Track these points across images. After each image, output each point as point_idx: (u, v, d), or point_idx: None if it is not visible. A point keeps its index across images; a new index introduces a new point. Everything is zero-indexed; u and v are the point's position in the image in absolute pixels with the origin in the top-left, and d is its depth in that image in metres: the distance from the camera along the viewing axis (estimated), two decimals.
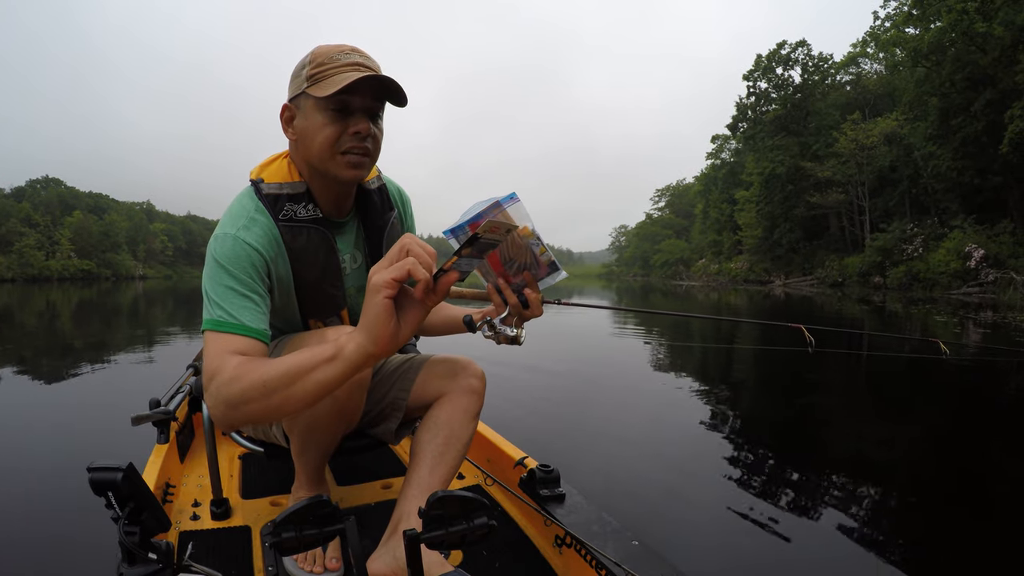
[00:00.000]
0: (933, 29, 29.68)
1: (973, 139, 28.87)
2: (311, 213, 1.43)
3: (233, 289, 1.27)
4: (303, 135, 1.37)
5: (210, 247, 1.33)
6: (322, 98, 1.29)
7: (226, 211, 1.39)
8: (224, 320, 1.22)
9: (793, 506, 2.70)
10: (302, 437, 1.50)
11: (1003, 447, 3.62)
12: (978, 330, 10.69)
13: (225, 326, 1.22)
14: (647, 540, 1.48)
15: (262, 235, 1.35)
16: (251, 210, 1.37)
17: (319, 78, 1.32)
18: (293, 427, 1.48)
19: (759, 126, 48.51)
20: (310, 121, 1.34)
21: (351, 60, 1.32)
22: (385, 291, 0.89)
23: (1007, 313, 14.80)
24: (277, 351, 1.44)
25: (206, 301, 1.27)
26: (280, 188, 1.41)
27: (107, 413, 4.23)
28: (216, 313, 1.23)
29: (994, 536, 2.46)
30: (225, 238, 1.32)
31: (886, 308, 17.77)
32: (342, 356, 0.97)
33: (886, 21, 42.18)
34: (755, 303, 21.93)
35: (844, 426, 4.13)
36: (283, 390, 1.02)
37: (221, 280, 1.27)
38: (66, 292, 31.42)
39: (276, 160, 1.47)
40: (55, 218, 76.42)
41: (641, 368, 6.45)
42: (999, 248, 25.93)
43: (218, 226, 1.37)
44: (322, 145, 1.34)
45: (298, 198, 1.42)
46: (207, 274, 1.30)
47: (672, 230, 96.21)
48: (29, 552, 2.22)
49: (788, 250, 47.32)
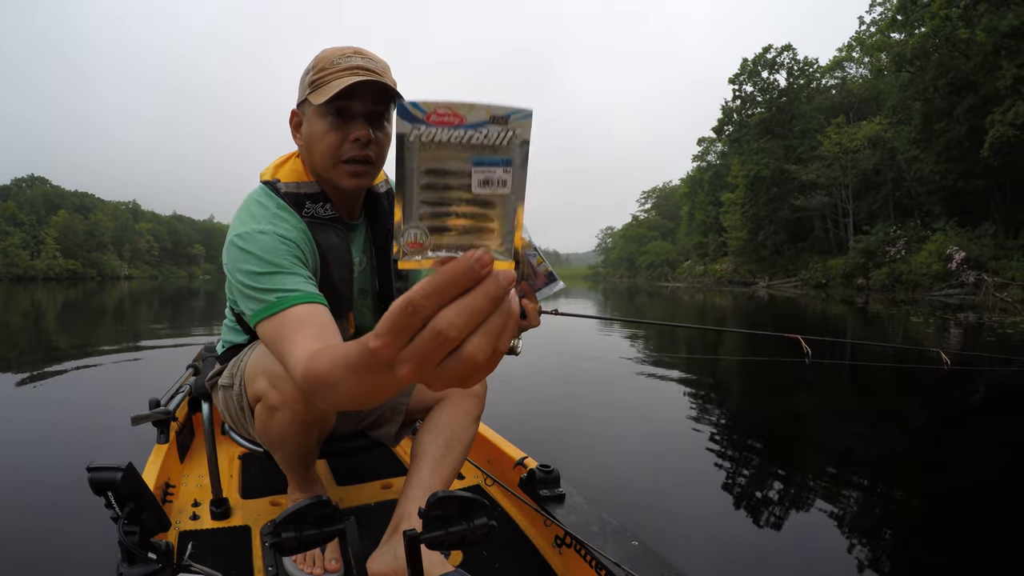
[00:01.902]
0: (917, 35, 30.09)
1: (956, 143, 29.28)
2: (330, 213, 1.41)
3: (279, 269, 1.21)
4: (308, 142, 1.37)
5: (234, 246, 1.27)
6: (321, 105, 1.28)
7: (240, 212, 1.35)
8: (279, 300, 1.15)
9: (792, 507, 2.71)
10: (275, 446, 1.48)
11: (1000, 455, 3.65)
12: (957, 331, 10.81)
13: (281, 304, 1.15)
14: (647, 540, 1.48)
15: (292, 230, 1.32)
16: (273, 208, 1.34)
17: (319, 84, 1.30)
18: (265, 437, 1.45)
19: (744, 129, 48.85)
20: (313, 128, 1.34)
21: (351, 64, 1.30)
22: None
23: (983, 313, 14.99)
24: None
25: (246, 297, 1.21)
26: (298, 187, 1.39)
27: (107, 413, 4.17)
28: (266, 298, 1.16)
29: (992, 538, 2.48)
30: (254, 234, 1.26)
31: (869, 309, 17.92)
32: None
33: (871, 26, 42.67)
34: (740, 304, 22.04)
35: (842, 432, 4.16)
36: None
37: (261, 268, 1.21)
38: (52, 292, 31.05)
39: (289, 160, 1.45)
40: (40, 217, 75.76)
41: (638, 372, 6.46)
42: (980, 250, 26.25)
43: (237, 226, 1.31)
44: (324, 153, 1.33)
45: (316, 197, 1.40)
46: (240, 269, 1.23)
47: (658, 232, 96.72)
48: (29, 552, 2.19)
49: (773, 252, 47.68)
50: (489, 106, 0.45)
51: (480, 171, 0.46)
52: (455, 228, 0.46)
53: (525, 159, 0.47)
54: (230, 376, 1.52)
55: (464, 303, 0.42)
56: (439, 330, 0.42)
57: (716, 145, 64.23)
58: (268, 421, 1.38)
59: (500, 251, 0.47)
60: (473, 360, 0.44)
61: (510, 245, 0.48)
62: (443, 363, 0.44)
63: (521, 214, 0.47)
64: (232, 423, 1.62)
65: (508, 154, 0.47)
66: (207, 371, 1.79)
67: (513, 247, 0.48)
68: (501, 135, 0.46)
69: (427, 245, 0.46)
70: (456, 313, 0.42)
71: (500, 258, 0.47)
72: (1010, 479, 3.16)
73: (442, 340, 0.43)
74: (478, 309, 0.43)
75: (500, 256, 0.47)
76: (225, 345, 1.63)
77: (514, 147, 0.46)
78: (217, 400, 1.64)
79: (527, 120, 0.46)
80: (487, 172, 0.46)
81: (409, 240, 0.46)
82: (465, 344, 0.43)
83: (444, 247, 0.47)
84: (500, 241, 0.47)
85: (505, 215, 0.47)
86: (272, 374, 1.31)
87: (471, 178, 0.46)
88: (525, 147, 0.47)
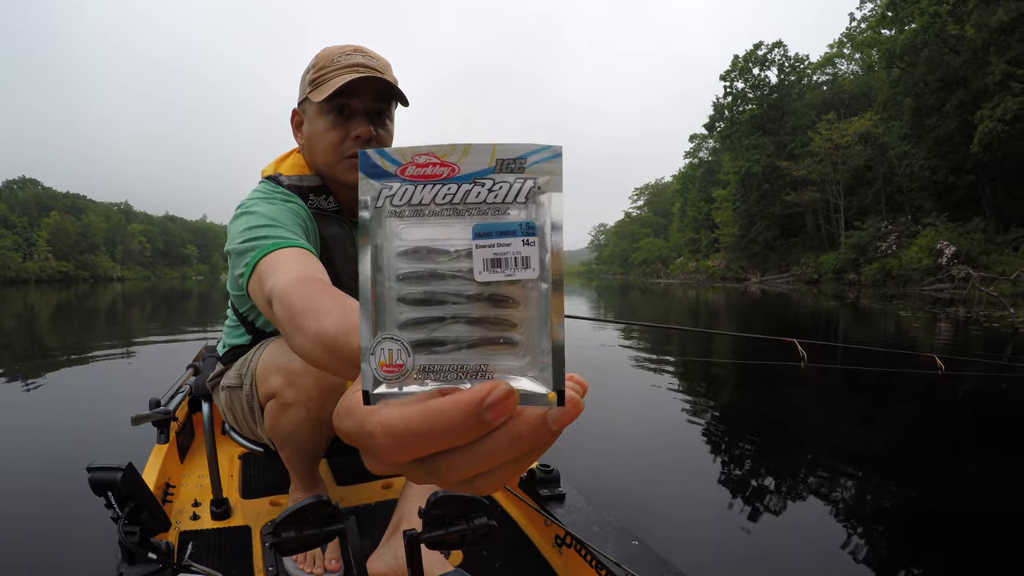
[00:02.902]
0: (907, 31, 30.20)
1: (946, 138, 29.53)
2: (333, 205, 1.42)
3: (281, 224, 1.16)
4: (309, 140, 1.37)
5: (238, 216, 1.22)
6: (321, 102, 1.29)
7: (245, 199, 1.32)
8: (275, 244, 1.06)
9: (792, 507, 2.71)
10: (284, 444, 1.48)
11: (997, 459, 3.66)
12: (947, 326, 10.87)
13: (276, 246, 1.05)
14: (647, 540, 1.48)
15: (300, 209, 1.32)
16: (280, 193, 1.34)
17: (319, 82, 1.31)
18: (274, 435, 1.45)
19: (736, 126, 49.07)
20: (314, 126, 1.34)
21: (351, 61, 1.31)
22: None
23: (971, 308, 15.07)
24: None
25: (242, 252, 1.11)
26: (301, 180, 1.40)
27: (107, 413, 4.15)
28: (260, 244, 1.07)
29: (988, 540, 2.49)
30: (260, 202, 1.24)
31: (860, 305, 18.00)
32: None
33: (862, 22, 42.81)
34: (732, 301, 22.09)
35: (839, 435, 4.16)
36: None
37: (263, 222, 1.14)
38: (45, 294, 30.80)
39: (290, 156, 1.46)
40: (32, 219, 75.32)
41: (637, 373, 6.46)
42: (970, 245, 26.40)
43: (242, 204, 1.28)
44: (326, 151, 1.34)
45: (318, 190, 1.41)
46: (241, 229, 1.15)
47: (651, 228, 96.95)
48: (29, 553, 2.18)
49: (764, 248, 47.92)
50: (495, 146, 0.31)
51: (487, 246, 0.31)
52: (454, 339, 0.31)
53: (558, 223, 0.31)
54: (238, 376, 1.51)
55: (479, 450, 0.30)
56: (434, 468, 0.31)
57: (708, 142, 64.46)
58: (280, 418, 1.37)
59: (531, 373, 0.31)
60: (479, 491, 0.33)
61: (546, 362, 0.31)
62: (434, 482, 0.33)
63: (561, 308, 0.31)
64: (235, 423, 1.61)
65: (530, 215, 0.31)
66: (208, 371, 1.79)
67: (551, 364, 0.30)
68: (516, 188, 0.31)
69: (410, 368, 0.31)
70: (465, 459, 0.30)
71: (532, 387, 0.30)
72: (1000, 479, 3.18)
73: (436, 478, 0.32)
74: (496, 457, 0.30)
75: (530, 385, 0.30)
76: (227, 346, 1.63)
77: (539, 204, 0.31)
78: (219, 400, 1.64)
79: (555, 162, 0.31)
80: (499, 247, 0.31)
81: (382, 361, 0.31)
82: (473, 480, 0.32)
83: (438, 372, 0.31)
84: (528, 357, 0.31)
85: (533, 314, 0.31)
86: (288, 371, 1.30)
87: (473, 258, 0.31)
88: (555, 204, 0.31)
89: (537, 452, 0.31)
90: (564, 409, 0.29)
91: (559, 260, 0.30)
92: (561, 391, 0.30)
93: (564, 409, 0.29)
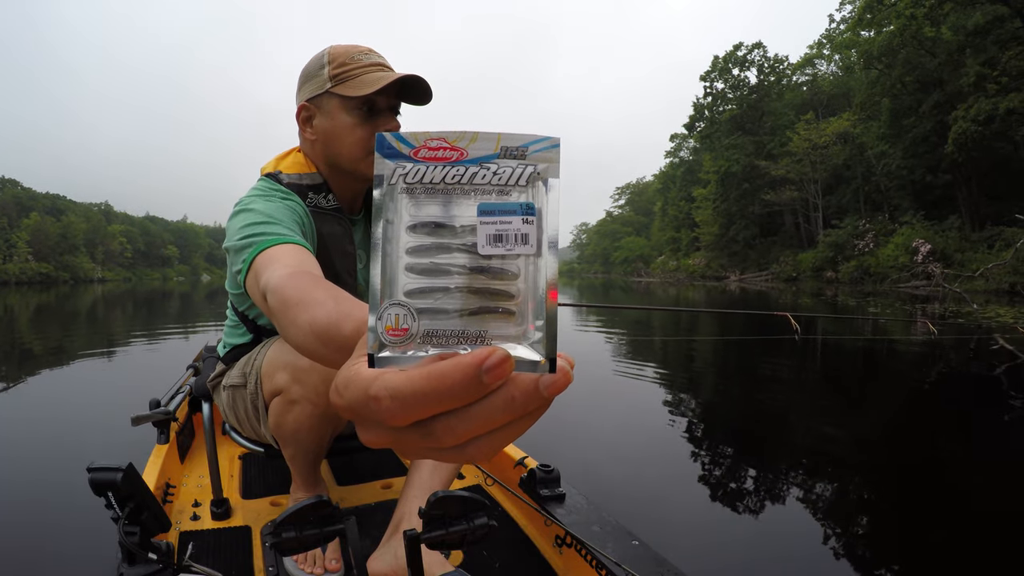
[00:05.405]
0: (884, 33, 30.59)
1: (923, 138, 30.00)
2: (332, 203, 1.43)
3: (278, 221, 1.17)
4: (327, 136, 1.37)
5: (237, 214, 1.22)
6: (352, 98, 1.30)
7: (243, 197, 1.32)
8: (273, 239, 1.08)
9: (792, 507, 2.71)
10: (288, 442, 1.48)
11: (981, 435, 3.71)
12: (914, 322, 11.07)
13: (274, 242, 1.07)
14: (647, 540, 1.49)
15: (298, 206, 1.33)
16: (278, 191, 1.34)
17: (345, 78, 1.32)
18: (279, 432, 1.45)
19: (716, 125, 49.43)
20: (336, 121, 1.35)
21: (373, 60, 1.34)
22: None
23: (944, 303, 15.30)
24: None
25: (240, 249, 1.11)
26: (300, 178, 1.40)
27: (107, 413, 4.11)
28: (257, 240, 1.09)
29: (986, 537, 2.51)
30: (258, 199, 1.24)
31: (838, 302, 18.20)
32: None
33: (841, 24, 43.32)
34: (712, 298, 22.21)
35: (845, 417, 4.20)
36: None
37: (261, 219, 1.15)
38: (25, 296, 30.20)
39: (290, 154, 1.46)
40: (11, 220, 73.84)
41: (636, 370, 6.45)
42: (946, 243, 26.76)
43: (241, 201, 1.27)
44: (353, 146, 1.35)
45: (318, 188, 1.41)
46: (240, 226, 1.16)
47: (632, 227, 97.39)
48: (29, 553, 2.15)
49: (744, 246, 48.38)
50: (500, 134, 0.34)
51: (490, 223, 0.34)
52: (456, 308, 0.34)
53: (554, 205, 0.35)
54: (242, 375, 1.50)
55: (476, 412, 0.31)
56: (431, 431, 0.32)
57: (688, 141, 64.89)
58: (286, 415, 1.37)
59: (526, 342, 0.34)
60: (471, 458, 0.34)
61: (540, 331, 0.34)
62: (428, 450, 0.34)
63: (554, 281, 0.34)
64: (237, 423, 1.61)
65: (529, 197, 0.34)
66: (208, 371, 1.79)
67: (545, 333, 0.33)
68: (518, 173, 0.34)
69: (415, 333, 0.33)
70: (461, 421, 0.32)
71: (527, 354, 0.33)
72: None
73: (432, 442, 0.32)
74: (491, 420, 0.32)
75: (525, 352, 0.33)
76: (228, 346, 1.62)
77: (537, 188, 0.34)
78: (220, 400, 1.63)
79: (553, 151, 0.35)
80: (500, 224, 0.34)
81: (389, 325, 0.33)
82: (466, 446, 0.33)
83: (440, 337, 0.33)
84: (524, 326, 0.34)
85: (530, 286, 0.34)
86: (295, 367, 1.30)
87: (477, 233, 0.34)
88: (553, 188, 0.35)
89: (529, 419, 0.33)
90: (555, 376, 0.31)
91: (552, 234, 0.34)
92: (553, 359, 0.32)
93: (555, 376, 0.31)
